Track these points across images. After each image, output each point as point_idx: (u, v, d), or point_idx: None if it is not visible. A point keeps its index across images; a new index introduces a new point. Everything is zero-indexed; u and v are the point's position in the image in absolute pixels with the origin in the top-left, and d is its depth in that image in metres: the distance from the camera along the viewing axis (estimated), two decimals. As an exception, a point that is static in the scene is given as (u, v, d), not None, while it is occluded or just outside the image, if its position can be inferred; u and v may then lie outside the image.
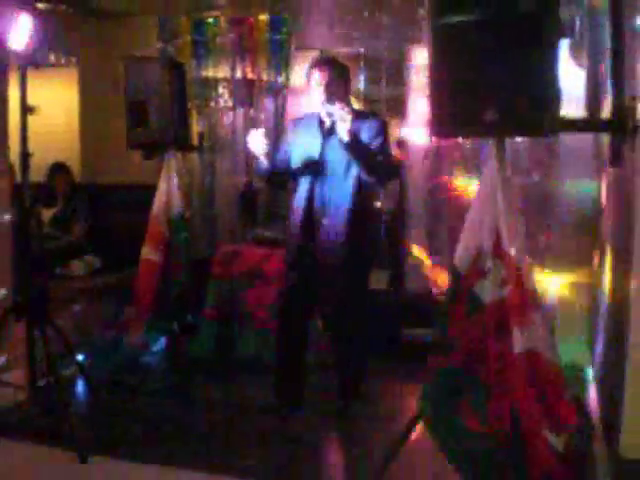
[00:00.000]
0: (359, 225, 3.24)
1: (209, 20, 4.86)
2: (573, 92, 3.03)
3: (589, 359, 3.37)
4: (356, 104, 4.15)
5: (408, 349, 3.99)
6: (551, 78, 1.99)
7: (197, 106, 4.91)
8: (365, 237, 3.32)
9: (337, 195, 3.20)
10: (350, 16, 4.54)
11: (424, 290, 4.36)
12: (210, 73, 4.92)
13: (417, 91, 4.38)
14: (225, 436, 3.19)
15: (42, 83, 3.83)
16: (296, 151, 3.32)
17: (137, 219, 4.03)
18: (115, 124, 4.21)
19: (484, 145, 3.29)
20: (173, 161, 4.03)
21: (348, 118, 2.98)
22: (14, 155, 3.28)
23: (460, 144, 4.12)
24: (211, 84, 4.93)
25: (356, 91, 4.60)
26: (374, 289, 3.67)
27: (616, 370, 2.27)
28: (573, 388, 3.00)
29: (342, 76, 3.26)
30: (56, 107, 4.90)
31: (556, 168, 3.72)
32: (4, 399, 3.32)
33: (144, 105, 3.84)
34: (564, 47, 3.34)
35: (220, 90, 4.93)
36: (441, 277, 4.20)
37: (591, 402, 2.98)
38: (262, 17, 4.75)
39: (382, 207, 4.54)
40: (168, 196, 3.97)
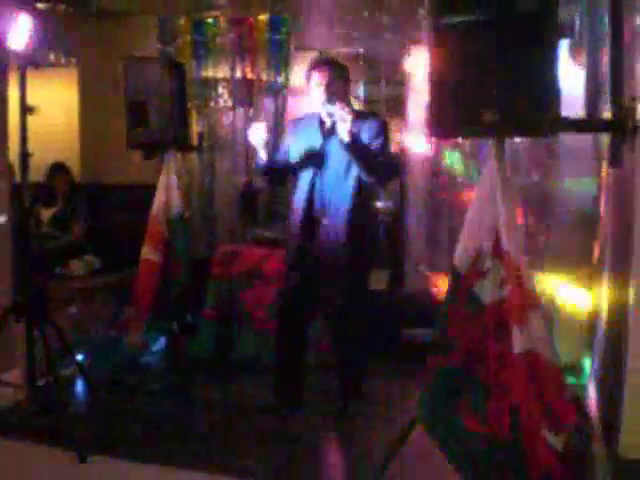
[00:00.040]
0: (359, 225, 3.23)
1: (209, 20, 4.86)
2: (573, 92, 3.03)
3: (589, 359, 3.37)
4: (356, 104, 4.15)
5: (408, 349, 3.99)
6: (551, 78, 1.99)
7: (197, 106, 4.91)
8: (365, 237, 3.32)
9: (337, 195, 3.20)
10: (350, 16, 4.54)
11: (424, 290, 4.36)
12: (210, 73, 4.92)
13: (417, 91, 4.38)
14: (225, 436, 3.19)
15: (42, 83, 3.83)
16: (296, 150, 3.32)
17: (137, 219, 4.04)
18: (115, 124, 4.22)
19: (484, 145, 3.29)
20: (173, 161, 4.04)
21: (348, 118, 2.98)
22: (14, 155, 3.28)
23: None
24: (211, 84, 4.93)
25: (355, 91, 4.60)
26: (374, 289, 3.67)
27: (616, 370, 2.26)
28: (573, 388, 3.01)
29: (342, 76, 3.26)
30: (56, 107, 4.90)
31: (556, 168, 3.72)
32: (4, 399, 3.32)
33: (144, 105, 3.84)
34: (564, 47, 3.35)
35: (220, 90, 4.93)
36: (441, 278, 4.20)
37: (591, 402, 2.98)
38: (262, 17, 4.75)
39: (382, 207, 4.55)
40: (168, 196, 3.98)
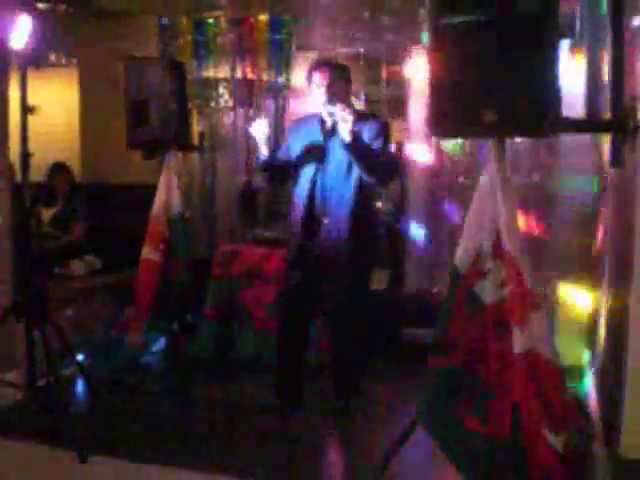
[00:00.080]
0: (361, 222, 3.23)
1: (209, 20, 4.87)
2: (573, 92, 3.03)
3: (589, 359, 3.37)
4: (356, 105, 4.14)
5: (408, 349, 3.99)
6: (551, 79, 1.99)
7: (197, 106, 4.92)
8: (368, 234, 3.33)
9: (338, 195, 3.20)
10: (350, 17, 4.54)
11: (424, 290, 4.36)
12: (210, 73, 4.92)
13: (417, 92, 4.38)
14: (225, 436, 3.19)
15: (42, 83, 3.82)
16: (297, 149, 3.31)
17: (137, 219, 4.03)
18: (115, 124, 4.21)
19: (484, 145, 3.29)
20: (173, 161, 4.03)
21: (350, 119, 2.98)
22: (14, 155, 3.28)
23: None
24: (211, 84, 4.93)
25: (356, 92, 4.59)
26: (375, 289, 3.67)
27: (616, 370, 2.26)
28: (573, 388, 3.02)
29: (343, 77, 3.26)
30: (56, 107, 4.89)
31: (556, 168, 3.72)
32: (4, 399, 3.32)
33: (144, 105, 3.84)
34: (564, 47, 3.35)
35: (220, 90, 4.93)
36: (441, 277, 4.20)
37: (591, 402, 2.98)
38: (262, 17, 4.76)
39: (383, 207, 4.55)
40: (168, 196, 3.97)
